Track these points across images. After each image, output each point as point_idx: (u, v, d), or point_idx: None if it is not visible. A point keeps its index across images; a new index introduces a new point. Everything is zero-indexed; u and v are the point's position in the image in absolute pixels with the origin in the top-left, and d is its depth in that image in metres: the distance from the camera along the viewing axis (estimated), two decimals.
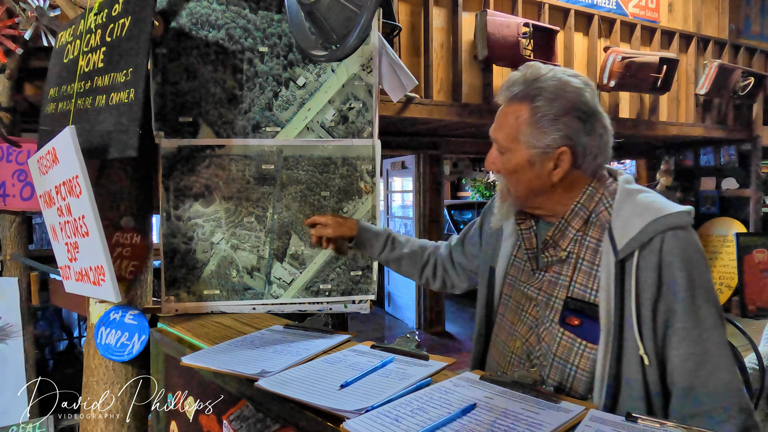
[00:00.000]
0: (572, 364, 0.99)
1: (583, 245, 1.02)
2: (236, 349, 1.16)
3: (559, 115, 0.98)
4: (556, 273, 1.04)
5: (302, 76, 1.50)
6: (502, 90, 1.06)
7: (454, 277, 1.43)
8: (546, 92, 0.99)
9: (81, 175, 1.14)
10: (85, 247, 1.22)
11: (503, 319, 1.14)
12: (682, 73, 4.75)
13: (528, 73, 1.02)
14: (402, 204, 6.50)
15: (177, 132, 1.44)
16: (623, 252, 0.95)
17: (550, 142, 0.99)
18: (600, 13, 4.27)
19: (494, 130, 1.07)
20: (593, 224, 1.02)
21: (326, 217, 1.43)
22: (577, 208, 1.03)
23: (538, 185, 1.03)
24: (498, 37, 3.59)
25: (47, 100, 1.48)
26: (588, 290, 0.99)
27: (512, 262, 1.15)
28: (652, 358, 0.92)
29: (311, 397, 0.86)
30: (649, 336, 0.92)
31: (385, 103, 3.18)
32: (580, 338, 0.98)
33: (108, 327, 1.43)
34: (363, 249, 1.46)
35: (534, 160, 1.00)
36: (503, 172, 1.06)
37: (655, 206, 0.96)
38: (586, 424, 0.74)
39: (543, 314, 1.04)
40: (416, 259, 1.45)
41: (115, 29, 1.25)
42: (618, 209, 0.99)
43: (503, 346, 1.12)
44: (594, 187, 1.03)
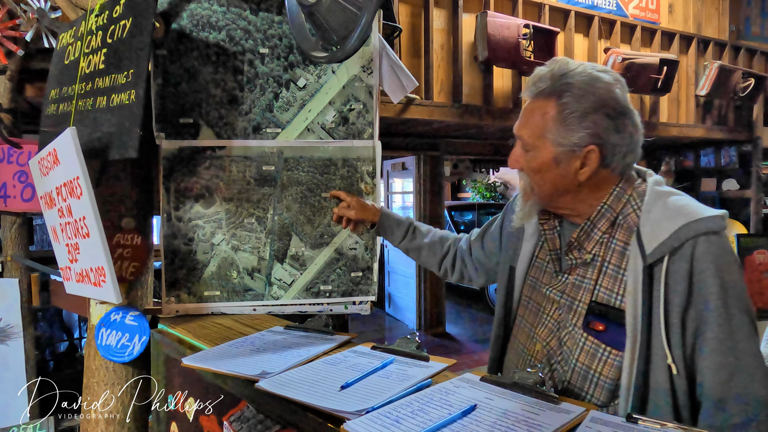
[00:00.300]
0: (595, 371, 0.96)
1: (609, 248, 0.98)
2: (237, 350, 1.16)
3: (587, 112, 0.94)
4: (580, 276, 1.01)
5: (303, 78, 1.50)
6: (528, 85, 1.02)
7: (472, 271, 1.43)
8: (574, 88, 0.95)
9: (82, 176, 1.14)
10: (85, 249, 1.22)
11: (523, 321, 1.12)
12: (682, 74, 4.75)
13: (555, 68, 0.99)
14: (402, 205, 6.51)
15: (178, 133, 1.44)
16: (652, 257, 0.91)
17: (578, 140, 0.95)
18: (600, 15, 4.28)
19: (519, 126, 1.03)
20: (620, 226, 0.98)
21: (352, 198, 1.44)
22: (603, 210, 1.00)
23: (563, 184, 0.99)
24: (498, 38, 3.59)
25: (48, 102, 1.48)
26: (614, 295, 0.96)
27: (533, 263, 1.13)
28: (681, 368, 0.89)
29: (312, 398, 0.86)
30: (678, 344, 0.88)
31: (385, 105, 3.18)
32: (605, 344, 0.95)
33: (109, 328, 1.43)
34: (384, 235, 1.47)
35: (560, 158, 0.97)
36: (527, 171, 1.03)
37: (688, 210, 0.92)
38: (586, 425, 0.74)
39: (565, 318, 1.01)
40: (436, 249, 1.46)
41: (116, 31, 1.25)
42: (647, 212, 0.95)
43: (522, 348, 1.10)
44: (622, 188, 1.00)
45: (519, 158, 1.04)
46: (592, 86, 0.95)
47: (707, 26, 5.00)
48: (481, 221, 7.88)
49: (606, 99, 0.95)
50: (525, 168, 1.03)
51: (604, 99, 0.95)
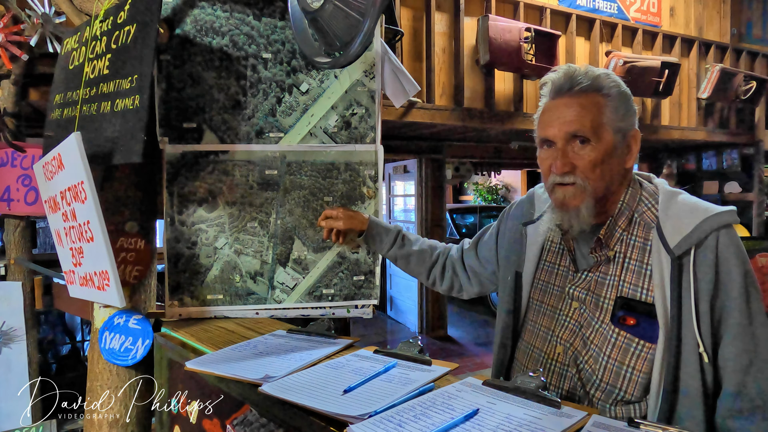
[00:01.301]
0: (628, 366, 0.97)
1: (629, 244, 1.02)
2: (240, 353, 1.16)
3: (627, 98, 1.03)
4: (603, 273, 1.03)
5: (305, 82, 1.51)
6: (565, 84, 1.02)
7: (464, 280, 1.42)
8: (606, 80, 1.02)
9: (86, 180, 1.14)
10: (89, 252, 1.23)
11: (536, 325, 1.12)
12: (684, 77, 4.76)
13: (582, 69, 1.04)
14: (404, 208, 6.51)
15: (181, 138, 1.45)
16: (679, 249, 0.95)
17: (628, 124, 1.02)
18: (601, 18, 4.29)
19: (571, 123, 0.99)
20: (637, 224, 1.03)
21: (337, 210, 1.45)
22: (622, 208, 1.04)
23: (616, 174, 1.03)
24: (500, 41, 3.60)
25: (52, 107, 1.49)
26: (639, 289, 0.99)
27: (542, 266, 1.13)
28: (710, 357, 0.93)
29: (315, 402, 0.86)
30: (707, 333, 0.93)
31: (387, 108, 3.19)
32: (638, 338, 0.97)
33: (112, 331, 1.43)
34: (372, 243, 1.47)
35: (617, 144, 1.01)
36: (585, 167, 0.99)
37: (703, 206, 0.99)
38: (588, 429, 0.74)
39: (591, 315, 1.03)
40: (425, 257, 1.45)
41: (121, 36, 1.26)
42: (665, 209, 1.00)
43: (539, 352, 1.09)
44: (634, 188, 1.06)
45: (573, 157, 1.00)
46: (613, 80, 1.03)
47: (709, 29, 5.01)
48: (483, 224, 7.87)
49: (629, 95, 1.04)
50: (581, 166, 0.99)
51: (628, 94, 1.04)
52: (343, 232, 1.44)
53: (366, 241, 1.48)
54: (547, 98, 1.05)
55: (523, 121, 3.99)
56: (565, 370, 1.05)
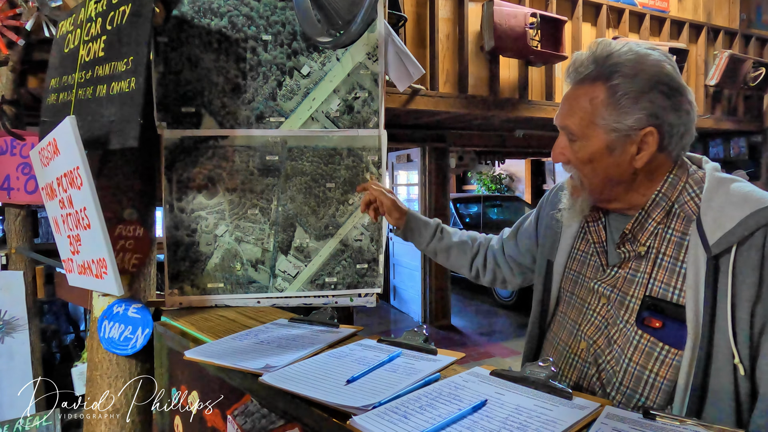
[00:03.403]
0: (651, 371, 0.89)
1: (665, 239, 0.92)
2: (240, 343, 1.14)
3: (642, 91, 0.88)
4: (633, 269, 0.95)
5: (306, 65, 1.47)
6: (569, 72, 0.96)
7: (506, 271, 1.34)
8: (624, 68, 0.89)
9: (82, 166, 1.12)
10: (87, 240, 1.21)
11: (564, 317, 1.05)
12: (692, 63, 4.68)
13: (598, 50, 0.92)
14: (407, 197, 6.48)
15: (179, 122, 1.42)
16: (717, 247, 0.84)
17: (634, 122, 0.88)
18: (608, 3, 4.22)
19: (563, 116, 0.96)
20: (676, 216, 0.92)
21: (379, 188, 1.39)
22: (658, 198, 0.93)
23: (617, 173, 0.93)
24: (505, 27, 3.54)
25: (48, 91, 1.46)
26: (671, 289, 0.89)
27: (574, 256, 1.06)
28: (747, 369, 0.82)
29: (317, 392, 0.84)
30: (745, 342, 0.82)
31: (390, 95, 3.15)
32: (663, 342, 0.88)
33: (111, 320, 1.41)
34: (411, 236, 1.40)
35: (614, 145, 0.90)
36: (576, 163, 0.95)
37: (755, 196, 0.86)
38: (602, 421, 0.71)
39: (616, 314, 0.95)
40: (466, 249, 1.37)
41: (116, 17, 1.22)
42: (708, 199, 0.89)
43: (564, 346, 1.04)
44: (676, 175, 0.93)
45: (564, 150, 0.97)
46: (643, 64, 0.89)
47: (717, 15, 4.92)
48: (487, 214, 7.83)
49: (660, 76, 0.89)
50: (573, 160, 0.96)
51: (658, 76, 0.88)
52: (379, 214, 1.39)
53: (404, 235, 1.41)
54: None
55: (527, 108, 3.93)
56: (586, 367, 0.99)
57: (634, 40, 0.94)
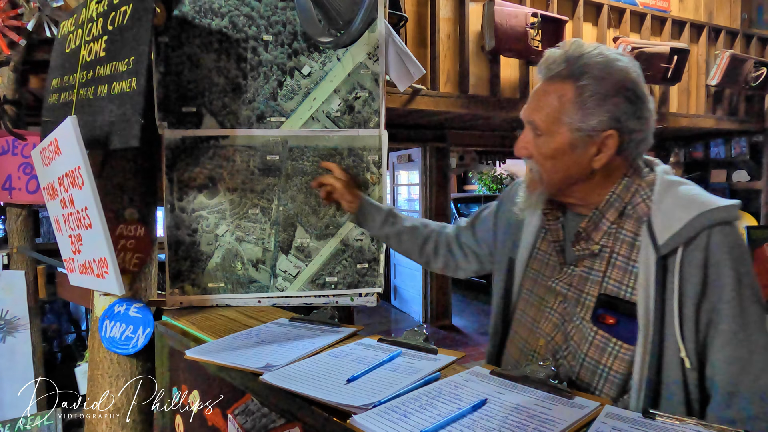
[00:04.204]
0: (605, 365, 0.93)
1: (618, 239, 0.95)
2: (241, 342, 1.14)
3: (608, 95, 0.91)
4: (588, 268, 0.98)
5: (307, 65, 1.47)
6: (541, 67, 0.98)
7: (460, 258, 1.37)
8: (593, 69, 0.91)
9: (83, 165, 1.12)
10: (88, 239, 1.21)
11: (524, 315, 1.08)
12: (693, 63, 4.68)
13: (570, 49, 0.95)
14: (408, 197, 6.48)
15: (180, 122, 1.42)
16: (665, 248, 0.88)
17: (597, 124, 0.91)
18: (609, 3, 4.21)
19: (531, 110, 0.98)
20: (629, 217, 0.96)
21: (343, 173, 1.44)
22: (612, 199, 0.97)
23: (576, 172, 0.96)
24: (506, 27, 3.54)
25: (50, 91, 1.46)
26: (623, 287, 0.93)
27: (535, 255, 1.08)
28: (693, 361, 0.87)
29: (317, 391, 0.84)
30: (691, 338, 0.87)
31: (391, 96, 3.15)
32: (615, 338, 0.92)
33: (112, 320, 1.41)
34: (363, 221, 1.43)
35: (577, 143, 0.93)
36: (538, 158, 0.98)
37: (701, 199, 0.90)
38: (601, 420, 0.71)
39: (572, 311, 0.98)
40: (417, 234, 1.40)
41: (117, 17, 1.22)
42: (658, 201, 0.93)
43: (524, 343, 1.06)
44: (631, 178, 0.97)
45: (528, 144, 0.99)
46: (611, 68, 0.92)
47: (719, 14, 4.91)
48: None
49: (626, 82, 0.92)
50: (535, 154, 0.98)
51: (624, 82, 0.92)
52: (335, 198, 1.43)
53: (357, 219, 1.44)
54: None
55: None
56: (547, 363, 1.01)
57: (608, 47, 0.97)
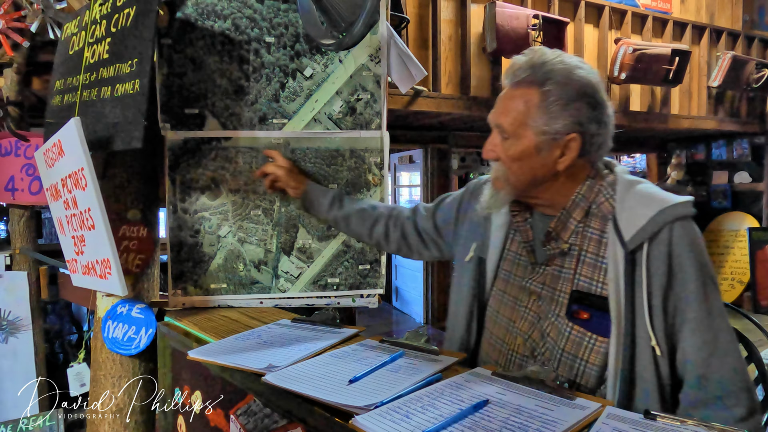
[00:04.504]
0: (582, 359, 0.97)
1: (586, 237, 1.00)
2: (243, 343, 1.15)
3: (571, 100, 0.96)
4: (558, 266, 1.02)
5: (309, 67, 1.47)
6: (507, 74, 1.03)
7: (418, 245, 1.38)
8: (556, 76, 0.97)
9: (86, 167, 1.12)
10: (91, 240, 1.21)
11: (498, 315, 1.11)
12: (694, 65, 4.67)
13: (535, 57, 1.00)
14: (410, 198, 6.48)
15: (183, 124, 1.43)
16: (632, 243, 0.94)
17: (561, 128, 0.96)
18: (611, 5, 4.21)
19: (498, 114, 1.03)
20: (594, 215, 1.01)
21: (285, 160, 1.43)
22: (578, 199, 1.02)
23: (541, 173, 1.01)
24: (507, 29, 3.54)
25: (53, 93, 1.47)
26: (594, 283, 0.98)
27: (505, 256, 1.11)
28: (664, 349, 0.92)
29: (319, 392, 0.84)
30: (660, 326, 0.92)
31: (392, 97, 3.15)
32: (590, 332, 0.96)
33: (115, 321, 1.42)
34: (311, 207, 1.43)
35: (541, 146, 0.98)
36: (505, 160, 1.02)
37: (659, 197, 0.97)
38: (603, 421, 0.72)
39: (547, 309, 1.02)
40: (365, 217, 1.40)
41: (120, 19, 1.23)
42: (621, 200, 0.98)
43: (501, 343, 1.09)
44: (594, 179, 1.02)
45: (496, 147, 1.04)
46: (573, 75, 0.97)
47: (720, 16, 4.91)
48: None
49: (587, 88, 0.97)
50: (503, 157, 1.03)
51: (585, 88, 0.97)
52: (280, 185, 1.42)
53: (303, 205, 1.44)
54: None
55: None
56: (525, 361, 1.04)
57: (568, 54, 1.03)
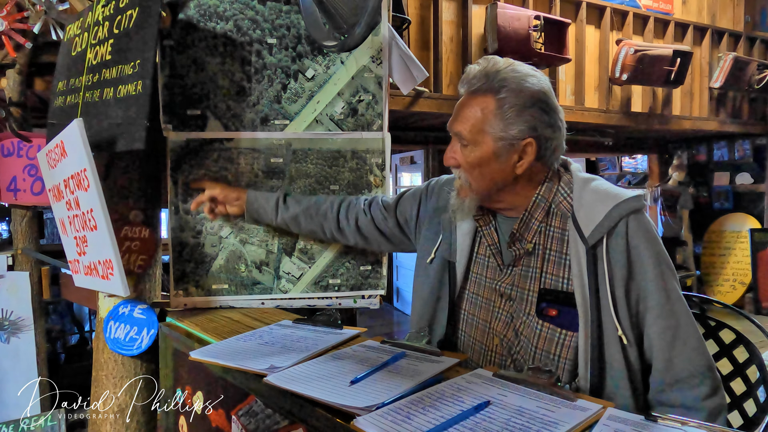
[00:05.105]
0: (555, 354, 1.00)
1: (548, 236, 1.04)
2: (245, 344, 1.15)
3: (525, 106, 1.00)
4: (525, 266, 1.05)
5: (311, 68, 1.48)
6: (463, 83, 1.06)
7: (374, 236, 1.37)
8: (511, 83, 1.00)
9: (89, 168, 1.13)
10: (93, 241, 1.22)
11: (473, 317, 1.13)
12: (696, 66, 4.67)
13: (488, 66, 1.04)
14: None
15: (185, 125, 1.43)
16: (592, 238, 0.98)
17: (517, 133, 1.00)
18: (612, 6, 4.21)
19: (456, 122, 1.06)
20: (554, 214, 1.04)
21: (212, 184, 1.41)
22: (538, 200, 1.05)
23: (501, 178, 1.04)
24: (508, 30, 3.54)
25: (56, 94, 1.47)
26: (560, 279, 1.01)
27: (474, 259, 1.14)
28: (631, 338, 0.96)
29: (321, 393, 0.84)
30: (625, 316, 0.96)
31: (394, 98, 3.15)
32: (560, 328, 1.00)
33: (117, 321, 1.42)
34: (257, 216, 1.41)
35: (500, 152, 1.01)
36: (465, 167, 1.05)
37: (613, 192, 1.01)
38: (604, 423, 0.72)
39: (519, 308, 1.05)
40: (312, 213, 1.39)
41: (123, 21, 1.23)
42: (578, 198, 1.02)
43: (480, 345, 1.11)
44: (551, 180, 1.06)
45: (456, 154, 1.06)
46: (525, 82, 1.01)
47: (722, 17, 4.91)
48: None
49: (539, 94, 1.01)
50: (463, 164, 1.06)
51: (538, 94, 1.01)
52: (219, 204, 1.40)
53: (250, 216, 1.41)
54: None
55: None
56: (503, 360, 1.07)
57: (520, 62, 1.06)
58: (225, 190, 1.40)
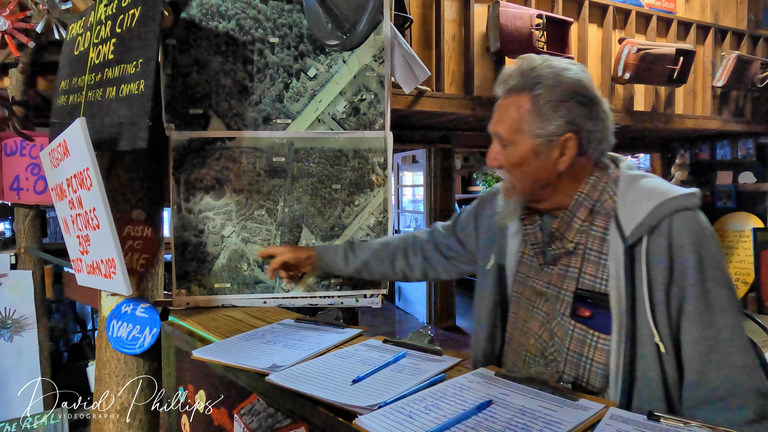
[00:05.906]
0: (587, 357, 0.97)
1: (590, 235, 1.01)
2: (247, 342, 1.15)
3: (561, 101, 0.97)
4: (565, 265, 1.03)
5: (313, 67, 1.48)
6: (499, 84, 1.05)
7: (442, 264, 1.38)
8: (545, 80, 0.98)
9: (92, 167, 1.13)
10: (96, 240, 1.22)
11: (516, 317, 1.12)
12: (699, 64, 4.66)
13: (523, 64, 1.02)
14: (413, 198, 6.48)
15: (187, 124, 1.43)
16: (631, 238, 0.93)
17: (555, 129, 0.98)
18: (615, 4, 4.20)
19: (495, 124, 1.05)
20: (598, 213, 1.01)
21: (278, 247, 1.45)
22: (581, 199, 1.02)
23: (544, 176, 1.01)
24: (511, 28, 3.54)
25: (58, 93, 1.48)
26: (597, 280, 0.98)
27: (521, 259, 1.13)
28: (669, 346, 0.90)
29: (323, 392, 0.84)
30: (664, 323, 0.90)
31: (396, 97, 3.15)
32: (593, 329, 0.96)
33: (119, 320, 1.43)
34: (329, 269, 1.44)
35: (539, 149, 0.99)
36: (507, 167, 1.04)
37: (661, 190, 0.95)
38: (606, 422, 0.72)
39: (554, 308, 1.03)
40: (382, 257, 1.42)
41: (125, 20, 1.24)
42: (623, 196, 0.98)
43: (518, 345, 1.10)
44: (597, 176, 1.03)
45: (498, 155, 1.05)
46: (561, 76, 0.98)
47: (725, 15, 4.89)
48: None
49: (576, 87, 0.98)
50: (505, 164, 1.04)
51: (574, 87, 0.98)
52: (292, 265, 1.44)
53: (321, 269, 1.45)
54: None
55: None
56: (536, 361, 1.05)
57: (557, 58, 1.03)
58: (294, 252, 1.43)
